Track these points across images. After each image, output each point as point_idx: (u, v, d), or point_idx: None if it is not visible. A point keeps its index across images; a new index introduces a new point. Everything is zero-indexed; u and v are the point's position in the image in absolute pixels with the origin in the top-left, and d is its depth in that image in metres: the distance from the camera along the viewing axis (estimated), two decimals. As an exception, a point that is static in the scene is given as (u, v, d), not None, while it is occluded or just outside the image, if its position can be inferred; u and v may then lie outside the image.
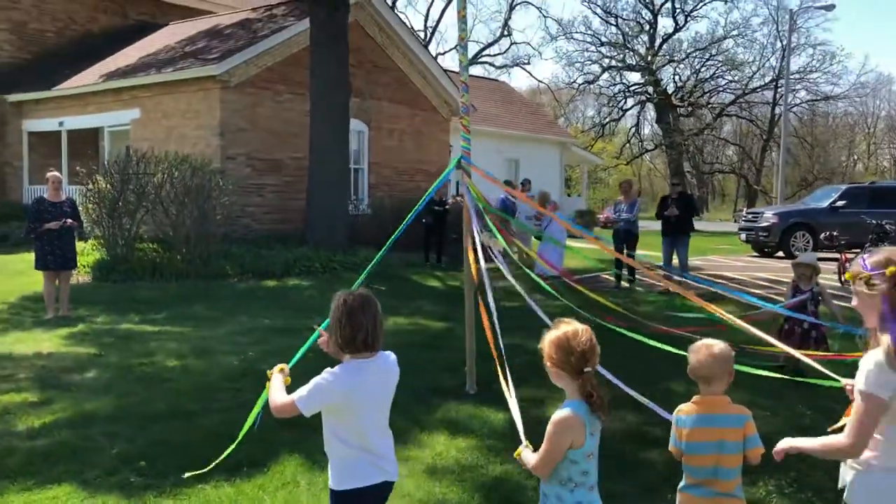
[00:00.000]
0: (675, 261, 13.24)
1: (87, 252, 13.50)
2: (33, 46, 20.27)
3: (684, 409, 3.27)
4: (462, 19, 6.14)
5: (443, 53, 52.20)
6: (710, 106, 50.94)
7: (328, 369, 3.06)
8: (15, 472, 4.77)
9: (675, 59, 49.57)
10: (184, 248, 13.40)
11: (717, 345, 3.21)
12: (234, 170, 15.70)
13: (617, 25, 49.45)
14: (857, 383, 2.58)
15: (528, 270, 8.04)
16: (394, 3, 48.04)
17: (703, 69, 49.80)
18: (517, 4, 51.31)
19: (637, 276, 13.72)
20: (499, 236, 6.77)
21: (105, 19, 21.58)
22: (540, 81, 60.17)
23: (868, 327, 2.64)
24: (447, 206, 15.24)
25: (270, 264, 13.37)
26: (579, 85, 50.86)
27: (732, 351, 3.24)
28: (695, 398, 3.28)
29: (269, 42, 16.31)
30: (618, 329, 5.73)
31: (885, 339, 2.50)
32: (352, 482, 3.09)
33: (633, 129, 54.18)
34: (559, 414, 2.86)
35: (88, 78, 18.12)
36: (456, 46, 5.66)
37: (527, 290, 7.01)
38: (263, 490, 4.61)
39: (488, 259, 6.83)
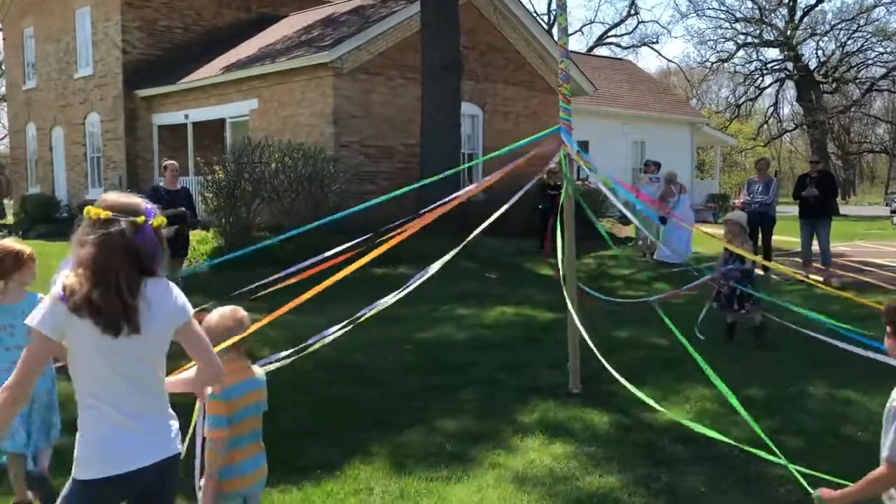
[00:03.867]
0: (816, 246, 12.01)
1: (206, 241, 13.72)
2: (163, 43, 20.98)
3: (227, 381, 2.97)
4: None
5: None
6: (857, 81, 47.13)
7: None
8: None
9: (818, 32, 46.06)
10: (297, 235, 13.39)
11: (241, 309, 3.16)
12: (348, 157, 15.59)
13: (753, -1, 46.56)
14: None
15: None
16: (516, -14, 47.20)
17: (849, 42, 46.02)
18: (645, -18, 49.30)
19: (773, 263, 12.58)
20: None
21: (230, 14, 22.09)
22: (669, 61, 57.85)
23: None
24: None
25: (414, 252, 13.11)
26: (712, 64, 48.25)
27: None
28: (227, 367, 2.90)
29: (380, 27, 16.07)
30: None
31: None
32: None
33: (772, 109, 50.96)
34: None
35: (211, 71, 18.54)
36: (558, 23, 5.04)
37: (650, 278, 6.32)
38: (332, 497, 4.21)
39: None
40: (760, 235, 12.38)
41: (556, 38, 21.83)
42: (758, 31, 46.56)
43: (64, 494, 2.57)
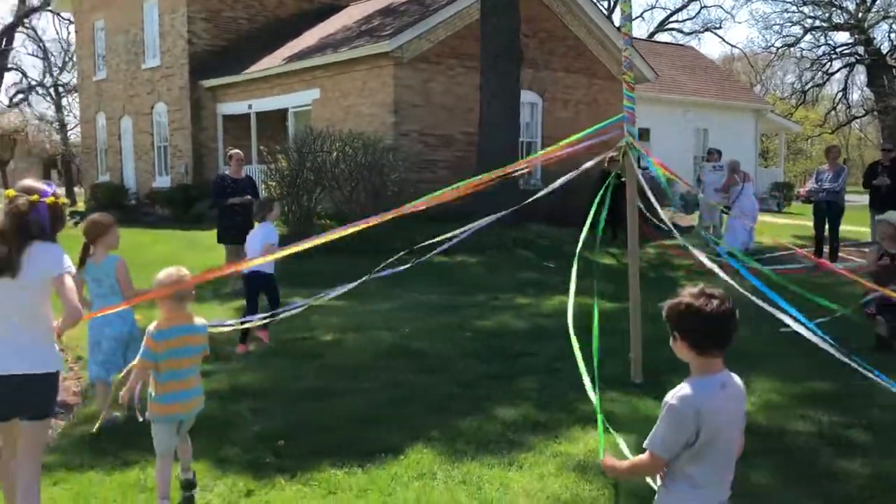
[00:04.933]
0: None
1: (270, 228, 13.99)
2: (227, 34, 21.40)
3: (158, 325, 3.92)
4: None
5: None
6: (933, 65, 45.30)
7: None
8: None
9: (891, 14, 44.40)
10: (357, 223, 13.58)
11: (183, 268, 3.99)
12: (407, 146, 15.71)
13: (823, -19, 45.01)
14: None
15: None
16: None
17: (925, 23, 44.29)
18: (708, -35, 48.18)
19: (841, 255, 12.27)
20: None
21: (292, 4, 22.40)
22: (733, 46, 56.45)
23: None
24: (624, 179, 14.38)
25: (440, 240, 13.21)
26: (778, 49, 46.88)
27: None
28: (166, 314, 3.94)
29: (439, 15, 16.10)
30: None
31: None
32: None
33: (840, 95, 49.33)
34: None
35: (273, 61, 18.84)
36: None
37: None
38: (397, 480, 4.30)
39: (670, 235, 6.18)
40: (827, 225, 12.12)
41: (617, 24, 21.40)
42: (827, 15, 45.03)
43: None
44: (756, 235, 13.64)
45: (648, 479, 3.39)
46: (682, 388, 2.49)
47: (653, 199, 6.11)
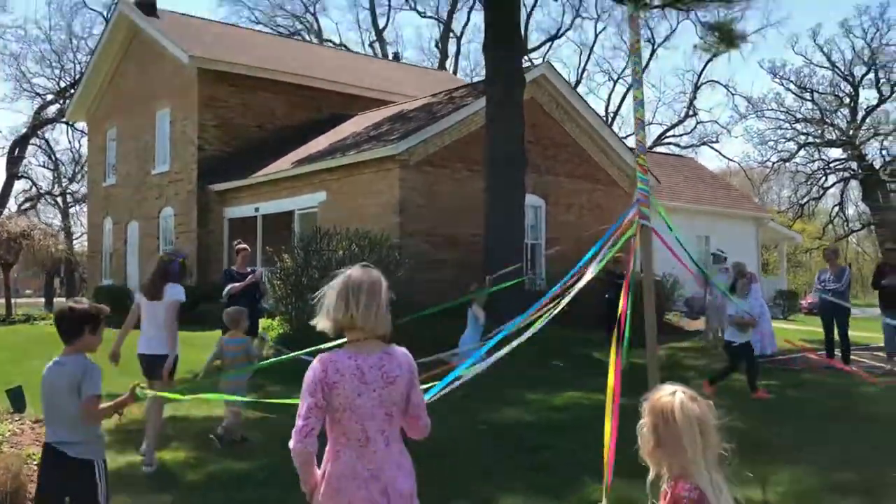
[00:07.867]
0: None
1: (274, 327, 13.88)
2: (237, 140, 21.85)
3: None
4: (636, 52, 5.60)
5: (626, 137, 51.44)
6: (926, 179, 46.16)
7: None
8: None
9: (882, 132, 45.67)
10: (361, 322, 13.46)
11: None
12: (413, 245, 15.77)
13: (813, 101, 46.54)
14: None
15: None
16: (575, 85, 48.30)
17: (915, 140, 45.41)
18: (703, 84, 49.97)
19: (854, 358, 12.04)
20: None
21: (302, 114, 22.98)
22: (730, 160, 57.80)
23: None
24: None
25: (444, 339, 13.05)
26: (773, 164, 48.02)
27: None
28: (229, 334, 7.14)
29: (446, 122, 16.52)
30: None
31: None
32: None
33: (837, 209, 50.10)
34: None
35: (282, 165, 19.19)
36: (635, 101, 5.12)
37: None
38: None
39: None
40: (836, 327, 11.85)
41: (618, 130, 21.67)
42: (819, 131, 46.36)
43: None
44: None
45: None
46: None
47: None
